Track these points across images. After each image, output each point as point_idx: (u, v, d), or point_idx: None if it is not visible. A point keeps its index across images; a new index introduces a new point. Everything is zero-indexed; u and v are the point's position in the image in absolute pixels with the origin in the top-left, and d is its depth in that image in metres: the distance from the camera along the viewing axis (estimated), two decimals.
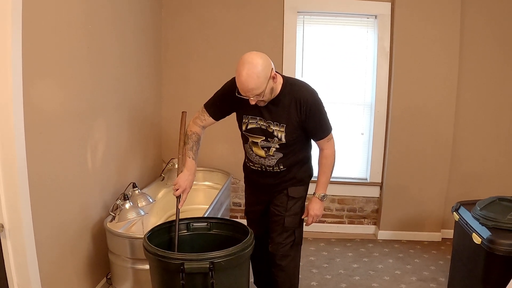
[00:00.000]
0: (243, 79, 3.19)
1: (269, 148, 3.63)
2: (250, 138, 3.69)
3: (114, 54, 4.67)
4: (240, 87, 3.26)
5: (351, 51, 6.17)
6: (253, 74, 3.18)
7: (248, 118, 3.62)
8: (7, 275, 3.28)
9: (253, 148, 3.71)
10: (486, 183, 6.16)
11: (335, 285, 4.93)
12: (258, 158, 3.73)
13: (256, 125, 3.60)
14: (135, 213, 4.27)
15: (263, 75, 3.22)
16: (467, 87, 5.94)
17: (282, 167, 3.69)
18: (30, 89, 3.23)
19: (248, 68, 3.18)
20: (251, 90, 3.23)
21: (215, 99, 3.73)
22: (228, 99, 3.62)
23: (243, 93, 3.29)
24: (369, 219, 6.50)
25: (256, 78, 3.19)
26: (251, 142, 3.70)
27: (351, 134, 6.35)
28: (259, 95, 3.29)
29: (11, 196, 3.15)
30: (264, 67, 3.23)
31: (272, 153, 3.64)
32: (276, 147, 3.60)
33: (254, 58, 3.23)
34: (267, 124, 3.55)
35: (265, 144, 3.63)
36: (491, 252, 3.69)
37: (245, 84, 3.20)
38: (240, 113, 3.70)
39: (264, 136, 3.61)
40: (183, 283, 2.99)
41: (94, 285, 4.43)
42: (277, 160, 3.66)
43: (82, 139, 4.09)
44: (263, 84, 3.24)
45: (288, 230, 3.78)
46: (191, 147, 3.71)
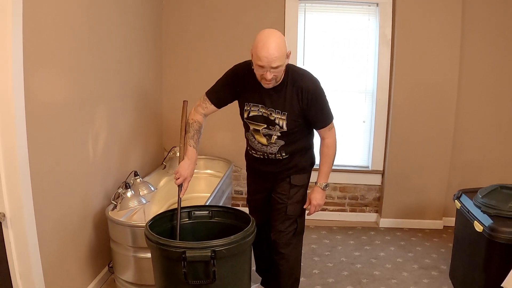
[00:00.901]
0: (269, 46, 3.17)
1: (270, 135, 3.62)
2: (251, 125, 3.68)
3: (115, 42, 4.65)
4: (264, 55, 3.20)
5: (352, 39, 6.15)
6: (280, 43, 3.20)
7: (250, 106, 3.60)
8: (9, 264, 3.28)
9: (255, 135, 3.70)
10: (488, 171, 6.16)
11: (337, 273, 4.94)
12: (260, 146, 3.72)
13: (257, 113, 3.59)
14: (136, 202, 4.27)
15: (284, 48, 3.25)
16: (469, 75, 5.92)
17: (284, 155, 3.68)
18: (30, 77, 3.22)
19: (273, 38, 3.19)
20: (275, 59, 3.20)
21: (217, 87, 3.71)
22: (230, 86, 3.62)
23: (266, 63, 3.22)
24: (370, 207, 6.51)
25: (280, 48, 3.20)
26: (253, 130, 3.69)
27: (352, 122, 6.34)
28: (278, 69, 3.27)
29: (12, 185, 3.15)
30: (284, 42, 3.27)
31: (274, 141, 3.63)
32: (277, 134, 3.59)
33: (276, 32, 3.26)
34: (268, 111, 3.54)
35: (267, 131, 3.61)
36: (493, 240, 3.70)
37: (271, 52, 3.17)
38: (242, 101, 3.68)
39: (266, 124, 3.59)
40: (185, 271, 2.99)
41: (96, 274, 4.43)
42: (279, 148, 3.65)
43: (83, 128, 4.08)
44: (283, 57, 3.26)
45: (290, 218, 3.78)
46: (192, 136, 3.69)
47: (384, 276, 4.88)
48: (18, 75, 3.05)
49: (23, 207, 3.21)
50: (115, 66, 4.69)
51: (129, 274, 4.03)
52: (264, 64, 3.23)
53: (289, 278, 3.91)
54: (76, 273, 4.09)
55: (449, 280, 4.78)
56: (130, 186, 4.36)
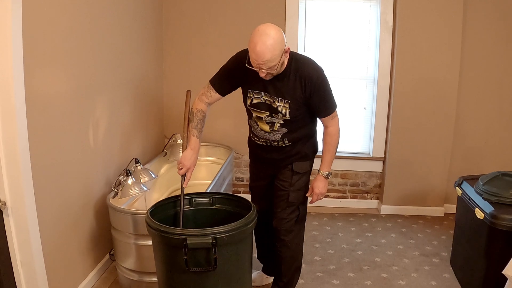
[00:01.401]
0: (259, 50, 3.13)
1: (273, 123, 3.60)
2: (254, 113, 3.66)
3: (115, 31, 4.64)
4: (254, 58, 3.19)
5: (353, 26, 6.12)
6: (270, 46, 3.13)
7: (253, 93, 3.58)
8: (10, 252, 3.29)
9: (258, 123, 3.69)
10: (489, 158, 6.15)
11: (338, 259, 4.95)
12: (263, 133, 3.71)
13: (261, 100, 3.57)
14: (137, 189, 4.27)
15: (279, 48, 3.18)
16: (471, 62, 5.90)
17: (287, 142, 3.67)
18: (31, 66, 3.21)
19: (264, 40, 3.13)
20: (266, 62, 3.17)
21: (220, 75, 3.69)
22: (234, 74, 3.60)
23: (256, 65, 3.22)
24: (372, 194, 6.51)
25: (272, 50, 3.14)
26: (256, 117, 3.68)
27: (353, 109, 6.33)
28: (271, 68, 3.24)
29: (13, 173, 3.15)
30: (280, 40, 3.19)
31: (277, 128, 3.62)
32: (280, 122, 3.58)
33: (270, 30, 3.17)
34: (271, 99, 3.52)
35: (270, 119, 3.60)
36: (494, 227, 3.71)
37: (261, 55, 3.14)
38: (245, 88, 3.66)
39: (269, 111, 3.58)
40: (186, 259, 2.99)
41: (97, 261, 4.44)
42: (282, 135, 3.64)
43: (84, 116, 4.08)
44: (277, 57, 3.20)
45: (292, 205, 3.77)
46: (195, 125, 3.68)
47: (385, 263, 4.89)
48: (18, 64, 3.04)
49: (24, 195, 3.20)
50: (116, 55, 4.68)
51: (130, 262, 4.04)
52: (255, 65, 3.23)
53: (291, 265, 3.91)
54: (77, 260, 4.10)
55: (450, 267, 4.79)
56: (131, 173, 4.36)
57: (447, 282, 4.51)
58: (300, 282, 4.41)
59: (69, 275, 3.96)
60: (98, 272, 4.44)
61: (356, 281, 4.54)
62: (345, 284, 4.47)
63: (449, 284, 4.48)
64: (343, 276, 4.61)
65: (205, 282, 3.13)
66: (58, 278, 3.76)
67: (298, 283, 4.18)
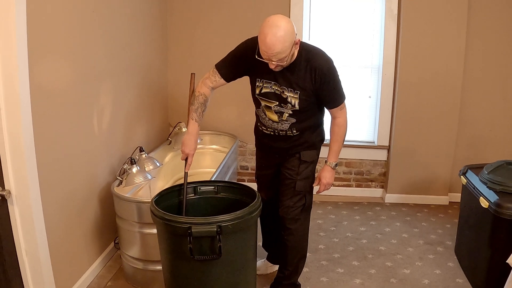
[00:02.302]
0: (270, 42, 3.09)
1: (282, 113, 3.58)
2: (263, 102, 3.63)
3: (120, 19, 4.62)
4: (264, 50, 3.15)
5: (358, 14, 6.09)
6: (280, 38, 3.08)
7: (263, 82, 3.55)
8: (15, 241, 3.30)
9: (266, 112, 3.66)
10: (494, 147, 6.13)
11: (343, 248, 4.95)
12: (271, 123, 3.69)
13: (270, 90, 3.54)
14: (142, 177, 4.27)
15: (289, 40, 3.14)
16: (476, 49, 5.87)
17: (295, 132, 3.65)
18: (35, 54, 3.20)
19: (275, 31, 3.08)
20: (276, 54, 3.14)
21: (228, 60, 3.64)
22: (242, 61, 3.55)
23: (266, 57, 3.19)
24: (376, 182, 6.50)
25: (283, 41, 3.10)
26: (264, 106, 3.65)
27: (358, 97, 6.31)
28: (281, 60, 3.21)
29: (17, 162, 3.14)
30: (290, 32, 3.14)
31: (286, 118, 3.59)
32: (289, 112, 3.55)
33: (281, 22, 3.12)
34: (281, 89, 3.49)
35: (279, 109, 3.57)
36: (498, 216, 3.70)
37: (271, 47, 3.10)
38: (254, 77, 3.62)
39: (278, 101, 3.55)
40: (191, 247, 2.99)
41: (102, 250, 4.45)
42: (290, 125, 3.62)
43: (88, 104, 4.07)
44: (288, 49, 3.16)
45: (299, 194, 3.76)
46: (196, 109, 3.67)
47: (389, 252, 4.89)
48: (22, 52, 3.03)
49: (29, 184, 3.20)
50: (120, 43, 4.66)
51: (135, 250, 4.04)
52: (265, 57, 3.20)
53: (296, 254, 3.91)
54: (82, 249, 4.10)
55: (454, 256, 4.78)
56: (136, 161, 4.35)
57: (452, 271, 4.51)
58: (304, 270, 4.41)
59: (74, 263, 3.97)
60: (103, 261, 4.44)
61: (360, 269, 4.54)
62: (350, 273, 4.47)
63: (453, 273, 4.48)
64: (348, 265, 4.61)
65: (209, 271, 3.13)
66: (63, 266, 3.76)
67: (303, 271, 4.18)
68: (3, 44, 2.96)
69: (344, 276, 4.42)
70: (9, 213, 3.22)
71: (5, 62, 2.98)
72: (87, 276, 4.15)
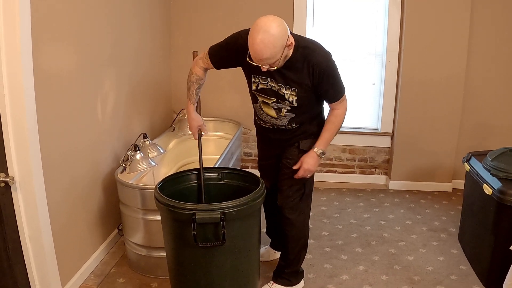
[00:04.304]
0: (258, 48, 3.00)
1: (280, 109, 3.53)
2: (260, 98, 3.58)
3: (123, 6, 4.61)
4: (253, 55, 3.07)
5: (362, 1, 6.05)
6: (269, 44, 2.99)
7: (259, 78, 3.47)
8: (18, 227, 3.29)
9: (264, 108, 3.62)
10: (497, 134, 6.11)
11: (346, 235, 4.94)
12: (269, 118, 3.64)
13: (267, 86, 3.47)
14: (146, 164, 4.26)
15: (280, 44, 3.04)
16: (479, 37, 5.83)
17: (294, 125, 3.61)
18: (40, 41, 3.19)
19: (263, 37, 2.98)
20: (265, 59, 3.06)
21: (221, 49, 3.57)
22: (233, 55, 3.46)
23: (256, 62, 3.11)
24: (380, 169, 6.49)
25: (272, 47, 3.01)
26: (262, 102, 3.60)
27: (362, 84, 6.30)
28: (272, 64, 3.13)
29: (21, 148, 3.14)
30: (281, 36, 3.04)
31: (284, 114, 3.54)
32: (287, 108, 3.50)
33: (271, 25, 3.00)
34: (278, 86, 3.42)
35: (277, 105, 3.52)
36: (502, 203, 3.71)
37: (259, 53, 3.02)
38: (248, 71, 3.54)
39: (276, 98, 3.49)
40: (195, 233, 2.99)
41: (105, 236, 4.46)
42: (289, 120, 3.57)
43: (92, 91, 4.07)
44: (278, 53, 3.07)
45: (297, 183, 3.72)
46: (188, 88, 3.75)
47: (393, 238, 4.88)
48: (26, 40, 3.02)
49: (32, 170, 3.20)
50: (124, 30, 4.66)
51: (139, 237, 4.04)
52: (255, 62, 3.12)
53: (297, 243, 3.87)
54: (86, 235, 4.11)
55: (458, 242, 4.78)
56: (139, 148, 4.34)
57: (455, 258, 4.51)
58: (308, 257, 4.42)
59: (77, 250, 3.97)
60: (107, 247, 4.45)
61: (364, 256, 4.53)
62: (353, 259, 4.47)
63: (457, 260, 4.47)
64: (351, 251, 4.61)
65: (213, 257, 3.13)
66: (67, 253, 3.77)
67: (306, 258, 4.17)
68: (6, 31, 2.95)
69: (347, 262, 4.42)
70: (12, 199, 3.22)
71: (9, 48, 2.96)
72: (91, 262, 4.15)
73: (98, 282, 4.02)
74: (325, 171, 6.50)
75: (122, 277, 4.11)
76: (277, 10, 5.87)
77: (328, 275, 4.22)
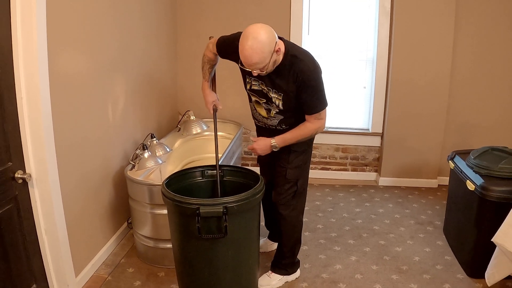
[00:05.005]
0: (247, 53, 3.03)
1: (270, 110, 3.54)
2: (253, 97, 3.62)
3: (133, 15, 4.61)
4: (243, 60, 3.10)
5: (354, 10, 6.05)
6: (257, 49, 3.01)
7: (252, 79, 3.49)
8: (35, 221, 3.31)
9: (256, 107, 3.65)
10: (480, 133, 6.12)
11: (339, 227, 4.95)
12: (261, 117, 3.67)
13: (258, 87, 3.49)
14: (153, 162, 4.27)
15: (267, 50, 3.06)
16: (463, 43, 5.83)
17: (284, 126, 3.60)
18: (54, 47, 3.19)
19: (251, 44, 3.01)
20: (254, 64, 3.08)
21: (225, 43, 3.57)
22: (233, 53, 3.41)
23: (246, 66, 3.13)
24: (370, 167, 6.49)
25: (260, 53, 3.03)
26: (255, 101, 3.63)
27: (354, 88, 6.29)
28: (261, 69, 3.15)
29: (37, 147, 3.15)
30: (268, 42, 3.05)
31: (273, 115, 3.55)
32: (276, 110, 3.51)
33: (259, 32, 3.04)
34: (267, 89, 3.43)
35: (267, 106, 3.54)
36: (484, 198, 3.73)
37: (248, 58, 3.05)
38: (243, 72, 3.55)
39: (265, 99, 3.51)
40: (199, 226, 2.99)
41: (116, 229, 4.45)
42: (279, 121, 3.58)
43: (103, 94, 4.07)
44: (266, 58, 3.08)
45: (290, 182, 3.70)
46: (202, 67, 3.78)
47: (382, 231, 4.88)
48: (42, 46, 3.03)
49: (48, 168, 3.21)
50: (133, 36, 4.65)
51: (147, 229, 4.04)
52: (246, 67, 3.15)
53: (291, 237, 3.87)
54: (97, 228, 4.11)
55: (443, 235, 4.78)
56: (147, 147, 4.35)
57: (440, 249, 4.51)
58: (304, 248, 4.43)
59: (90, 242, 3.97)
60: (117, 239, 4.45)
61: (356, 247, 4.54)
62: (346, 250, 4.47)
63: (442, 251, 4.47)
64: (344, 243, 4.61)
65: (216, 248, 3.13)
66: (80, 244, 3.77)
67: (302, 249, 4.19)
68: (25, 38, 2.96)
69: (340, 253, 4.42)
70: (29, 195, 3.23)
71: (26, 55, 2.98)
72: (102, 253, 4.16)
73: (109, 272, 4.03)
74: (320, 169, 6.50)
75: (131, 267, 4.11)
76: (275, 18, 5.88)
77: (322, 265, 4.22)
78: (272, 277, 3.93)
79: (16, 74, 3.00)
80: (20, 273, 3.20)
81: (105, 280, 3.90)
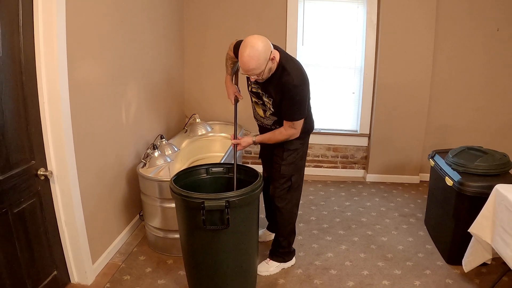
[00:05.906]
0: (245, 60, 3.12)
1: (265, 111, 3.61)
2: (253, 98, 3.69)
3: (143, 27, 4.60)
4: (242, 66, 3.18)
5: (344, 23, 6.04)
6: (254, 57, 3.10)
7: (252, 82, 3.54)
8: (56, 214, 3.33)
9: (255, 107, 3.72)
10: (458, 134, 6.12)
11: (331, 219, 4.95)
12: (259, 117, 3.74)
13: (256, 90, 3.55)
14: (162, 160, 4.28)
15: (263, 57, 3.14)
16: (442, 54, 5.84)
17: (278, 126, 3.62)
18: (73, 57, 3.20)
19: (249, 51, 3.10)
20: (251, 70, 3.16)
21: (238, 46, 3.54)
22: None
23: (245, 72, 3.21)
24: (359, 164, 6.49)
25: (257, 60, 3.12)
26: (254, 102, 3.71)
27: (343, 93, 6.27)
28: (258, 75, 3.22)
29: (58, 147, 3.17)
30: (264, 50, 3.14)
31: (268, 116, 3.61)
32: (270, 112, 3.57)
33: (256, 42, 3.13)
34: (262, 93, 3.51)
35: (263, 107, 3.60)
36: (461, 193, 3.75)
37: (246, 64, 3.13)
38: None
39: (261, 102, 3.58)
40: (204, 219, 2.99)
41: (128, 221, 4.45)
42: (273, 121, 3.62)
43: (117, 98, 4.06)
44: (262, 65, 3.16)
45: (284, 177, 3.72)
46: (225, 63, 3.83)
47: (370, 222, 4.88)
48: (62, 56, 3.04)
49: (67, 166, 3.22)
50: (144, 46, 4.64)
51: (157, 221, 4.04)
52: (245, 73, 3.23)
53: (286, 228, 3.88)
54: (112, 220, 4.11)
55: (424, 226, 4.78)
56: (157, 147, 4.36)
57: (422, 239, 4.51)
58: (299, 238, 4.43)
59: (105, 232, 3.97)
60: (130, 230, 4.45)
61: (345, 237, 4.54)
62: (337, 240, 4.47)
63: (423, 240, 4.47)
64: (335, 233, 4.61)
65: (219, 238, 3.13)
66: (96, 235, 3.77)
67: (297, 238, 4.20)
68: (46, 49, 2.98)
69: (332, 243, 4.42)
70: (51, 190, 3.25)
71: (48, 64, 3.00)
72: (117, 242, 4.16)
73: (123, 259, 4.03)
74: (313, 166, 6.49)
75: (143, 255, 4.11)
76: (273, 30, 5.90)
77: (315, 253, 4.22)
78: (270, 264, 3.93)
79: (39, 81, 3.02)
80: (43, 260, 3.21)
81: (119, 267, 3.91)
